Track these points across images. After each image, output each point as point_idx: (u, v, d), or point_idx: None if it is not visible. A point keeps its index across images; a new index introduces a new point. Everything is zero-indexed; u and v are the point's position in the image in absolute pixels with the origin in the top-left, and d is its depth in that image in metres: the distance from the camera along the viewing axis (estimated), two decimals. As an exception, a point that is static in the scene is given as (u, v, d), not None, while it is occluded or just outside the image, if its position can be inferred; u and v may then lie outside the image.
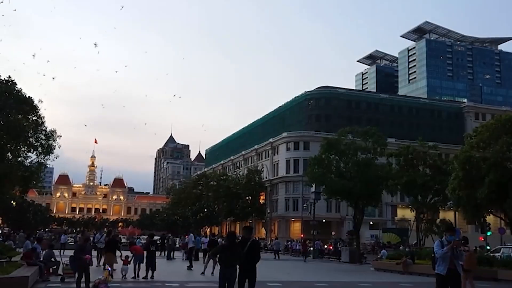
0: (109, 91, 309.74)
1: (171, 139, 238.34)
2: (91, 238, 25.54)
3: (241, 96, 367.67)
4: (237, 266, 10.93)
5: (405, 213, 69.20)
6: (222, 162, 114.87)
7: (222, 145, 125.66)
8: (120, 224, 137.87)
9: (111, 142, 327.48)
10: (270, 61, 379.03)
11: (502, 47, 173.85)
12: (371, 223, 76.14)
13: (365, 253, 44.47)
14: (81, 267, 14.20)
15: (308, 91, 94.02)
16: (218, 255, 12.41)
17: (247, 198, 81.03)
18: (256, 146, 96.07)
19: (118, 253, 20.29)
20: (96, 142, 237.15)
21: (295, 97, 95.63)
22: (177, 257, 34.86)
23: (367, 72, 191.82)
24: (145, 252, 19.94)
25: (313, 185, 46.99)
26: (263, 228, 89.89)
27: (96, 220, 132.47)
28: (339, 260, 41.13)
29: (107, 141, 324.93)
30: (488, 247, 40.21)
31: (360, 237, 46.82)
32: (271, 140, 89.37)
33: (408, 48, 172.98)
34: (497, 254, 31.90)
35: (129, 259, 19.43)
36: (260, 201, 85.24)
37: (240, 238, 12.12)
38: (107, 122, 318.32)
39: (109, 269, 18.49)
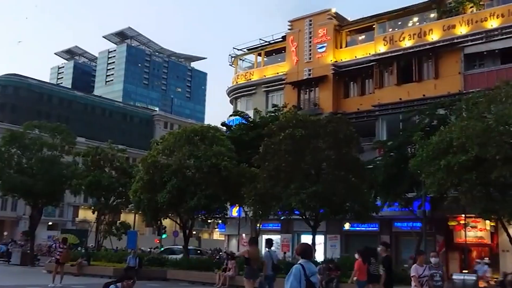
0: None
1: None
2: None
3: None
4: None
5: (87, 215, 68.35)
6: None
7: None
8: None
9: None
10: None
11: (194, 65, 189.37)
12: (50, 223, 73.17)
13: (39, 254, 42.13)
14: None
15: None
16: None
17: None
18: None
19: None
20: None
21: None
22: None
23: (63, 67, 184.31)
24: None
25: (-12, 180, 42.30)
26: None
27: None
28: (9, 262, 38.01)
29: None
30: (162, 249, 42.64)
31: (37, 238, 44.26)
32: None
33: (109, 50, 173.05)
34: (170, 256, 34.10)
35: None
36: None
37: None
38: None
39: None
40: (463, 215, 26.23)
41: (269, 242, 13.19)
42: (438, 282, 10.93)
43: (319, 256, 29.69)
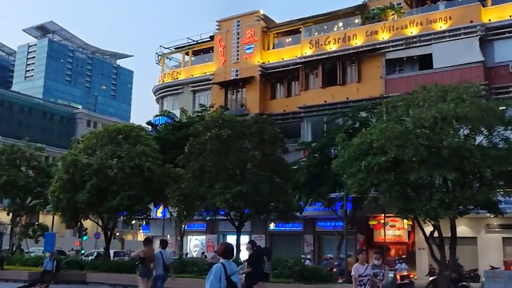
0: None
1: None
2: None
3: None
4: None
5: (2, 216, 64.89)
6: None
7: None
8: None
9: None
10: None
11: (120, 62, 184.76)
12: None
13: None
14: None
15: None
16: None
17: None
18: None
19: None
20: None
21: None
22: None
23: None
24: None
25: None
26: None
27: None
28: None
29: None
30: (83, 251, 41.24)
31: None
32: None
33: (29, 44, 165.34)
34: (91, 258, 33.04)
35: None
36: None
37: None
38: None
39: None
40: (383, 215, 27.19)
41: (163, 243, 13.95)
42: (382, 281, 11.39)
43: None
